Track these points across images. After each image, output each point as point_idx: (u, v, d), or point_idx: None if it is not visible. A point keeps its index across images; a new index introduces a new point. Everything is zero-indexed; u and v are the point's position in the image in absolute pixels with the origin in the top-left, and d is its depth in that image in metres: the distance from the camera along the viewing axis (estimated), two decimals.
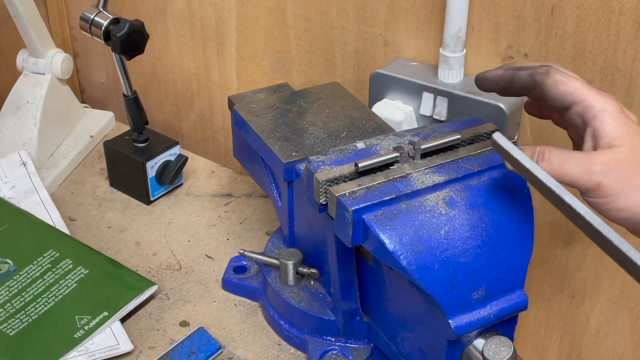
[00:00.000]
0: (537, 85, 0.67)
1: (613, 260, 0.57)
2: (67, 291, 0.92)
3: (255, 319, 0.92)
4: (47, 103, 1.17)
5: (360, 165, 0.72)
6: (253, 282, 0.94)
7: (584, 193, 0.63)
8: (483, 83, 0.70)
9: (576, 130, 0.68)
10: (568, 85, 0.66)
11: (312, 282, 0.89)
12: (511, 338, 0.70)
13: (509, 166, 0.65)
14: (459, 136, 0.76)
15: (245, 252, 0.92)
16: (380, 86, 0.99)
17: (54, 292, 0.92)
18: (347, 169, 0.73)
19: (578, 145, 0.70)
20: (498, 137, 0.67)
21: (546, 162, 0.62)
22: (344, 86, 1.00)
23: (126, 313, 0.91)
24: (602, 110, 0.63)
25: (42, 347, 0.86)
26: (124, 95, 1.08)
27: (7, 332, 0.87)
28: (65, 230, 1.02)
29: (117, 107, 1.39)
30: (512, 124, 0.93)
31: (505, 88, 0.69)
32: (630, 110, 0.88)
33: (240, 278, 0.95)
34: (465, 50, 0.95)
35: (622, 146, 0.62)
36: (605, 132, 0.63)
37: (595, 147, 0.64)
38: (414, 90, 0.97)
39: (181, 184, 1.15)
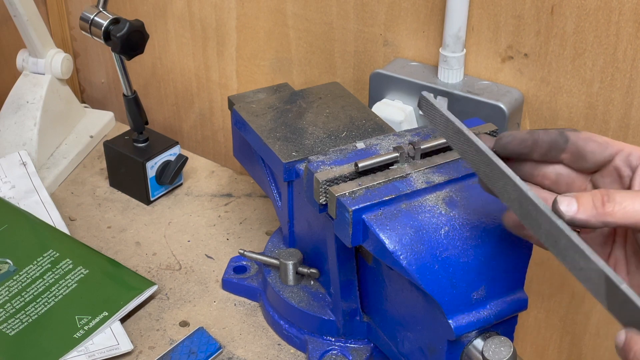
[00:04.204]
0: (570, 140, 0.63)
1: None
2: (67, 291, 0.92)
3: (255, 319, 0.92)
4: (47, 103, 1.17)
5: (360, 165, 0.72)
6: (253, 282, 0.94)
7: None
8: (510, 140, 0.65)
9: (613, 182, 0.64)
10: (601, 137, 0.63)
11: (312, 282, 0.89)
12: (511, 338, 0.70)
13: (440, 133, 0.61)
14: None
15: (245, 252, 0.92)
16: (380, 86, 0.99)
17: (54, 292, 0.92)
18: (347, 169, 0.73)
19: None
20: (427, 95, 0.65)
21: (612, 203, 0.56)
22: (344, 86, 1.00)
23: (126, 313, 0.91)
24: None
25: (42, 347, 0.86)
26: (124, 95, 1.08)
27: (7, 332, 0.87)
28: (65, 230, 1.02)
29: (117, 107, 1.39)
30: (512, 123, 0.93)
31: (532, 147, 0.65)
32: (630, 110, 0.88)
33: (240, 278, 0.95)
34: (465, 50, 0.95)
35: None
36: None
37: None
38: (414, 90, 0.97)
39: (181, 184, 1.15)
